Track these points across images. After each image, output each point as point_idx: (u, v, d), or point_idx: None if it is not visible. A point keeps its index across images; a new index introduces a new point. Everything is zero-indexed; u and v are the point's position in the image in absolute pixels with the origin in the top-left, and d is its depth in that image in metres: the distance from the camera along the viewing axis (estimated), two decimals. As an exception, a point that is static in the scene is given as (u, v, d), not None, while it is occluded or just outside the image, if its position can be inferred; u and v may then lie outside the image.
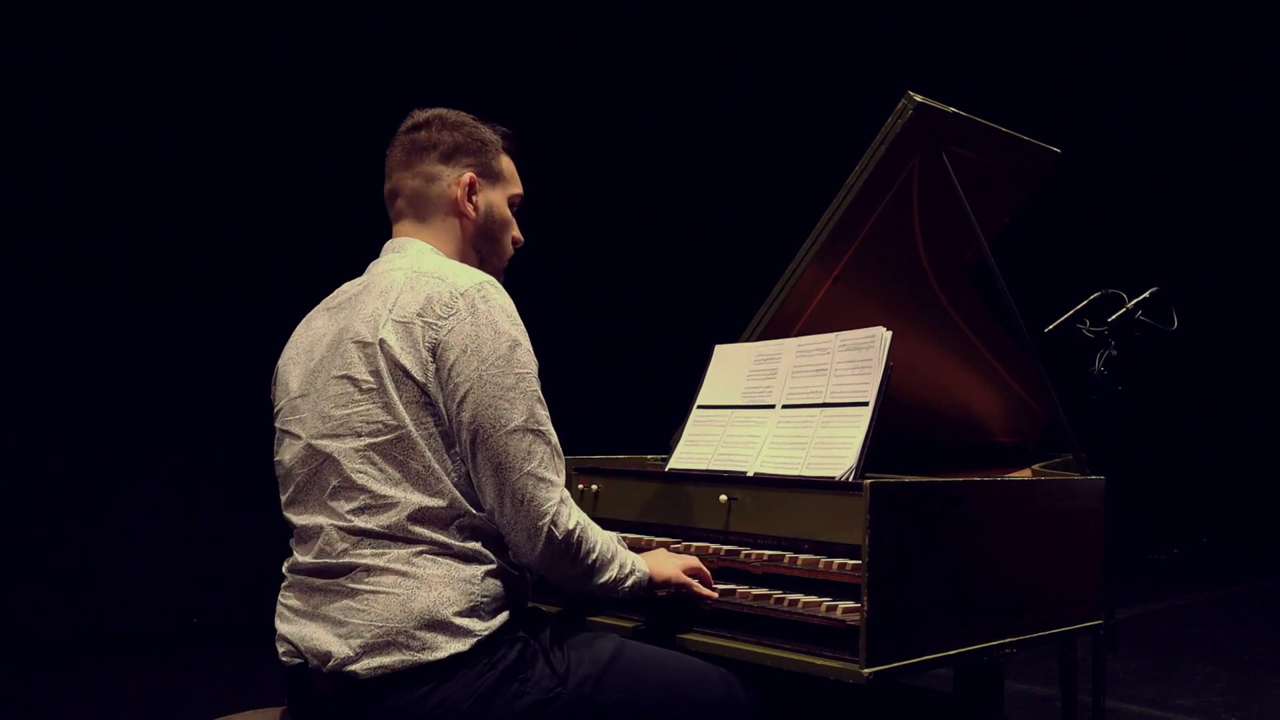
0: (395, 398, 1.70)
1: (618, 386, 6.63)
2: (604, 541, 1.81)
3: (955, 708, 2.24)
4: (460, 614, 1.66)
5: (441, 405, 1.71)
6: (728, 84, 7.46)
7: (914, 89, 2.27)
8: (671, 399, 2.77)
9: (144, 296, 5.15)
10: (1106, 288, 2.91)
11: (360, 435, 1.72)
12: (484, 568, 1.71)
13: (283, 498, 1.84)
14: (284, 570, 1.82)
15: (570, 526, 1.74)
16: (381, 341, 1.72)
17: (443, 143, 1.92)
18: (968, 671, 2.18)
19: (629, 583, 1.84)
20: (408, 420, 1.70)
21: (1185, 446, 8.73)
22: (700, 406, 2.43)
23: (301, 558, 1.77)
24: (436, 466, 1.71)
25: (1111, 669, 3.25)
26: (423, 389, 1.71)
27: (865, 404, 2.05)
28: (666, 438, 2.52)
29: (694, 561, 1.98)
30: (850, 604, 1.78)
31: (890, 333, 2.10)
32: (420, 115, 1.96)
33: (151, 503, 5.15)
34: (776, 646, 1.83)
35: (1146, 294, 2.88)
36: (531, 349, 1.77)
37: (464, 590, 1.68)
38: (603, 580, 1.81)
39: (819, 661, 1.76)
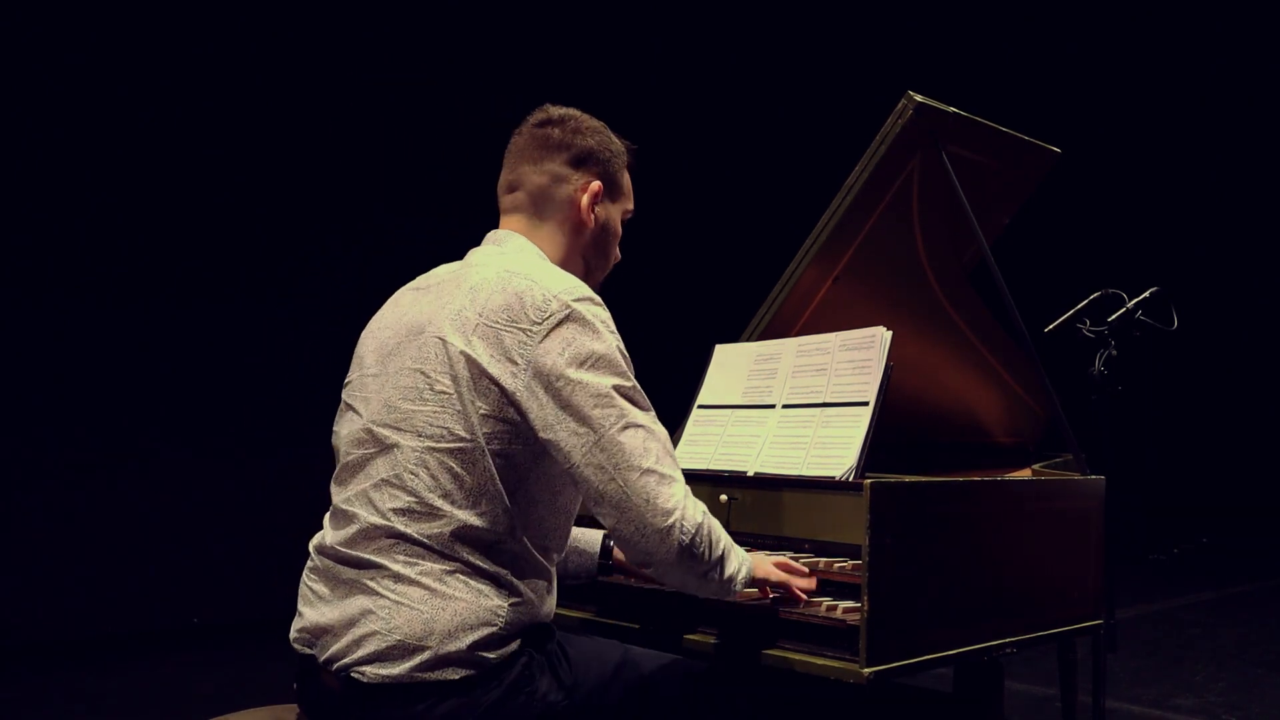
0: (471, 408, 1.64)
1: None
2: (724, 532, 1.73)
3: (955, 708, 2.24)
4: (477, 644, 1.61)
5: (530, 416, 1.65)
6: (728, 84, 7.46)
7: (914, 89, 2.27)
8: (671, 399, 2.77)
9: (144, 296, 5.15)
10: (1106, 288, 2.91)
11: (422, 436, 1.66)
12: (510, 600, 1.66)
13: (336, 468, 1.79)
14: (311, 548, 1.77)
15: (699, 519, 1.66)
16: (466, 353, 1.66)
17: (576, 145, 1.89)
18: (968, 671, 2.18)
19: (741, 576, 1.74)
20: (480, 433, 1.64)
21: (1185, 447, 8.72)
22: (700, 406, 2.43)
23: (331, 540, 1.72)
24: (493, 485, 1.65)
25: (1111, 669, 3.24)
26: (510, 397, 1.64)
27: (865, 404, 2.05)
28: (666, 438, 2.52)
29: (788, 563, 1.90)
30: (850, 604, 1.78)
31: (890, 333, 2.10)
32: (554, 111, 1.93)
33: (152, 502, 5.14)
34: (777, 646, 1.84)
35: (1146, 294, 2.88)
36: (627, 353, 1.74)
37: (487, 619, 1.63)
38: (725, 576, 1.71)
39: (819, 661, 1.77)
